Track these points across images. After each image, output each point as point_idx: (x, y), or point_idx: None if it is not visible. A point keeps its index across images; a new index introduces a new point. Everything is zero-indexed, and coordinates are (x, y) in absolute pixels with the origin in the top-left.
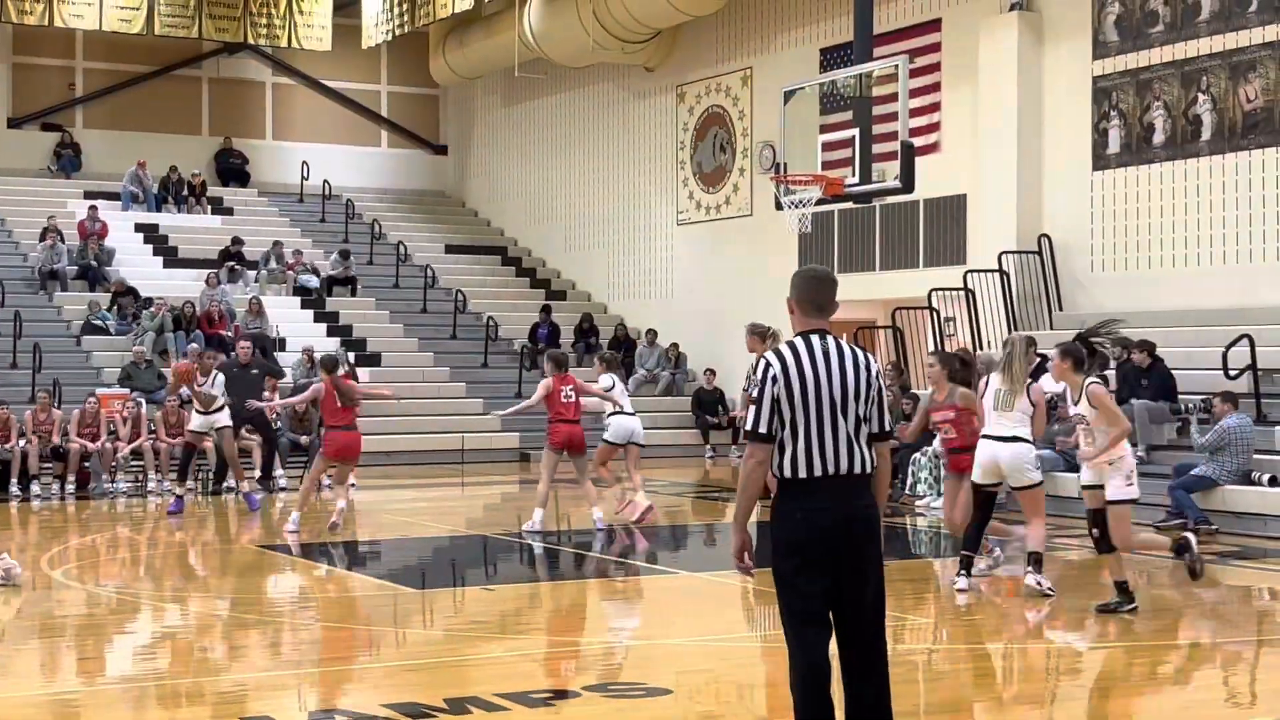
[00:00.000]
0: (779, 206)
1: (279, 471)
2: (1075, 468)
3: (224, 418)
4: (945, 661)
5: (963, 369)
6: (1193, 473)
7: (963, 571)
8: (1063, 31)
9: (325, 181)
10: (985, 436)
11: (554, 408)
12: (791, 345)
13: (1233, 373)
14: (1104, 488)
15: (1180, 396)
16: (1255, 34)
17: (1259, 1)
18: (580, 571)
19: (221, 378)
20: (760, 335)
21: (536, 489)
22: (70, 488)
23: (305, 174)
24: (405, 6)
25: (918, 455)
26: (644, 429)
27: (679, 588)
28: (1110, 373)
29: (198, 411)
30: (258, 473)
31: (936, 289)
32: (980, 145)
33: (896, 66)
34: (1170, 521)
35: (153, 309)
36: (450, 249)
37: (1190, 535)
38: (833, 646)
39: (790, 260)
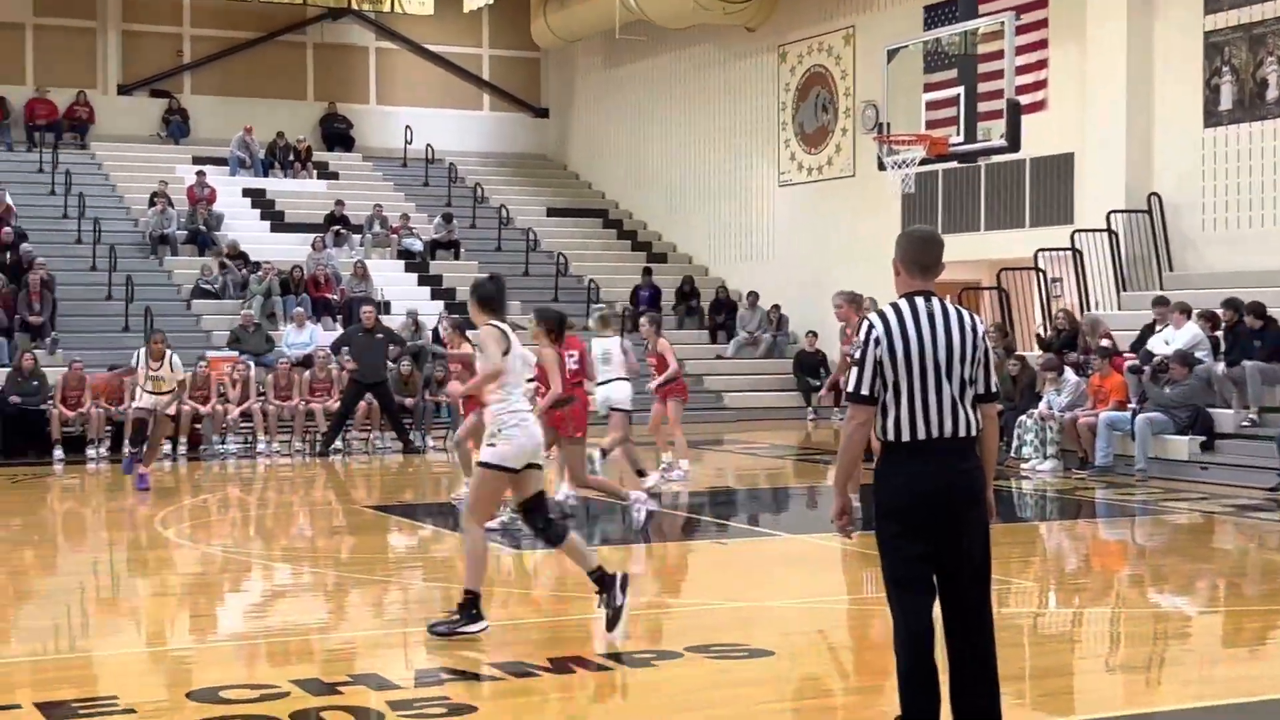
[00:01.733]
0: (882, 167)
1: (375, 436)
2: None
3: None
4: (1052, 625)
5: None
6: None
7: None
8: None
9: (428, 145)
10: None
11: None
12: (895, 307)
13: None
14: None
15: None
16: None
17: None
18: (681, 534)
19: (177, 358)
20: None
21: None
22: (182, 449)
23: (408, 138)
24: None
25: (1023, 418)
26: (742, 391)
27: (781, 550)
28: (1220, 334)
29: (146, 391)
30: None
31: (1043, 249)
32: (1088, 102)
33: (1003, 23)
34: None
35: (260, 273)
36: (552, 212)
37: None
38: (937, 610)
39: (893, 221)
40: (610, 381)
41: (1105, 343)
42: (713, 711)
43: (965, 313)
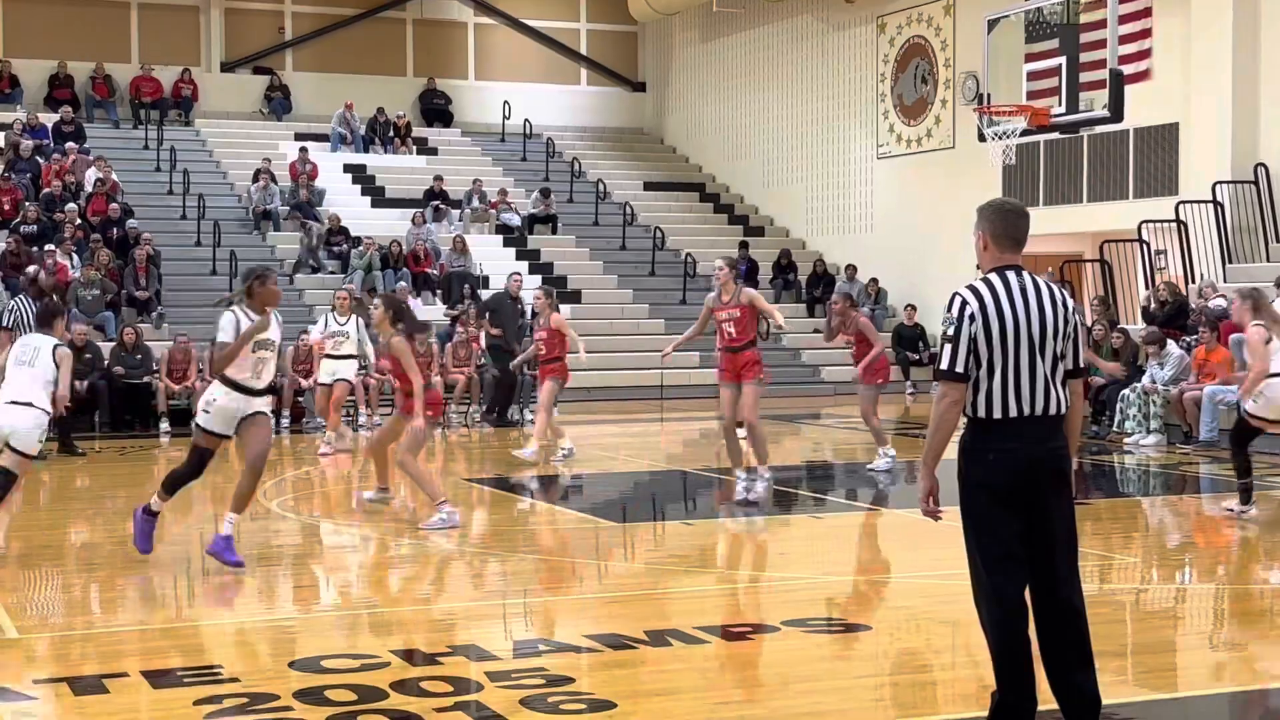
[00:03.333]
0: (982, 138)
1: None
2: None
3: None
4: (1153, 602)
5: None
6: None
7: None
8: None
9: (526, 120)
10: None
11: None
12: (988, 282)
13: None
14: None
15: None
16: None
17: None
18: (779, 507)
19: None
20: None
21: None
22: (285, 423)
23: (506, 113)
24: None
25: (1126, 392)
26: (840, 365)
27: (880, 524)
28: None
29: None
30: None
31: (1147, 221)
32: (1193, 72)
33: None
34: None
35: (362, 247)
36: (649, 186)
37: None
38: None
39: (993, 193)
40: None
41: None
42: (810, 685)
43: (1055, 287)
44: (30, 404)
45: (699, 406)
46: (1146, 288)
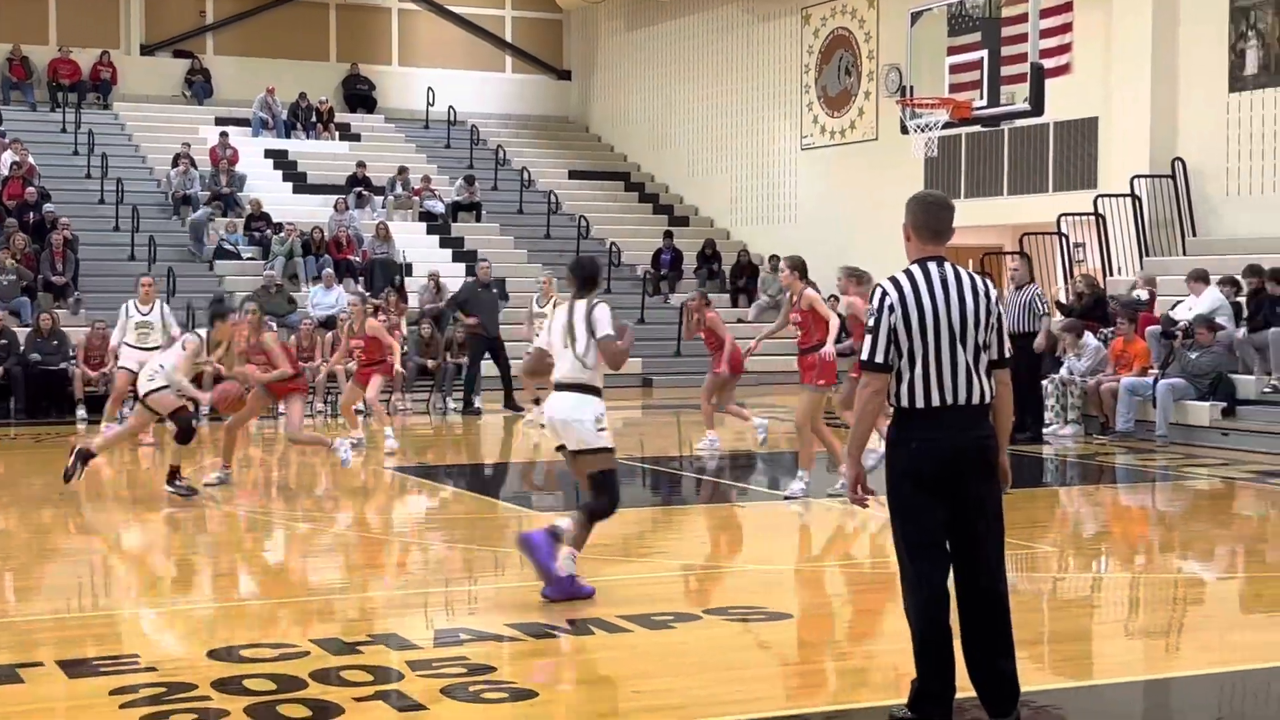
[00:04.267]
0: (905, 130)
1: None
2: None
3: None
4: (1071, 590)
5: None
6: None
7: None
8: None
9: (450, 108)
10: None
11: None
12: (909, 273)
13: None
14: None
15: None
16: None
17: None
18: (703, 496)
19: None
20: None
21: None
22: (204, 410)
23: (430, 100)
24: None
25: (1044, 382)
26: (763, 355)
27: (801, 514)
28: (1242, 300)
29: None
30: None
31: (1066, 214)
32: (1113, 66)
33: None
34: None
35: (283, 234)
36: (574, 174)
37: None
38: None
39: (915, 185)
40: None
41: (1143, 296)
42: (731, 673)
43: (978, 278)
44: None
45: (624, 395)
46: (1065, 280)
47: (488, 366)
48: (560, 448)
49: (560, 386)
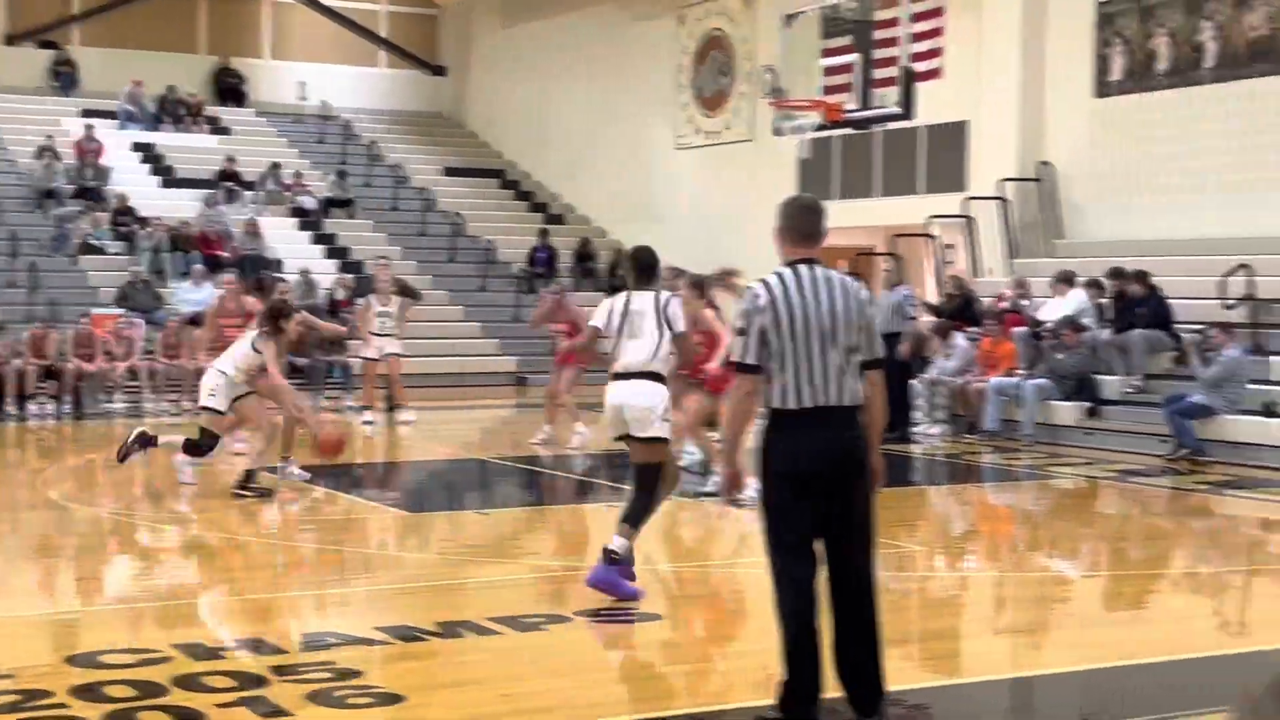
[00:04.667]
0: (777, 132)
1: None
2: None
3: None
4: (939, 589)
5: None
6: (1190, 400)
7: None
8: None
9: (323, 102)
10: None
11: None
12: (779, 275)
13: (1229, 302)
14: None
15: (1177, 326)
16: None
17: None
18: (574, 496)
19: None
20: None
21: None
22: (67, 408)
23: (303, 94)
24: None
25: (913, 382)
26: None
27: (672, 513)
28: (1106, 301)
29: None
30: None
31: (936, 216)
32: (982, 71)
33: None
34: (1178, 453)
35: (149, 229)
36: (449, 171)
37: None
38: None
39: (790, 185)
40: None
41: (1025, 302)
42: (601, 675)
43: (849, 280)
44: None
45: (497, 395)
46: (935, 281)
47: (416, 365)
48: (622, 437)
49: (628, 375)
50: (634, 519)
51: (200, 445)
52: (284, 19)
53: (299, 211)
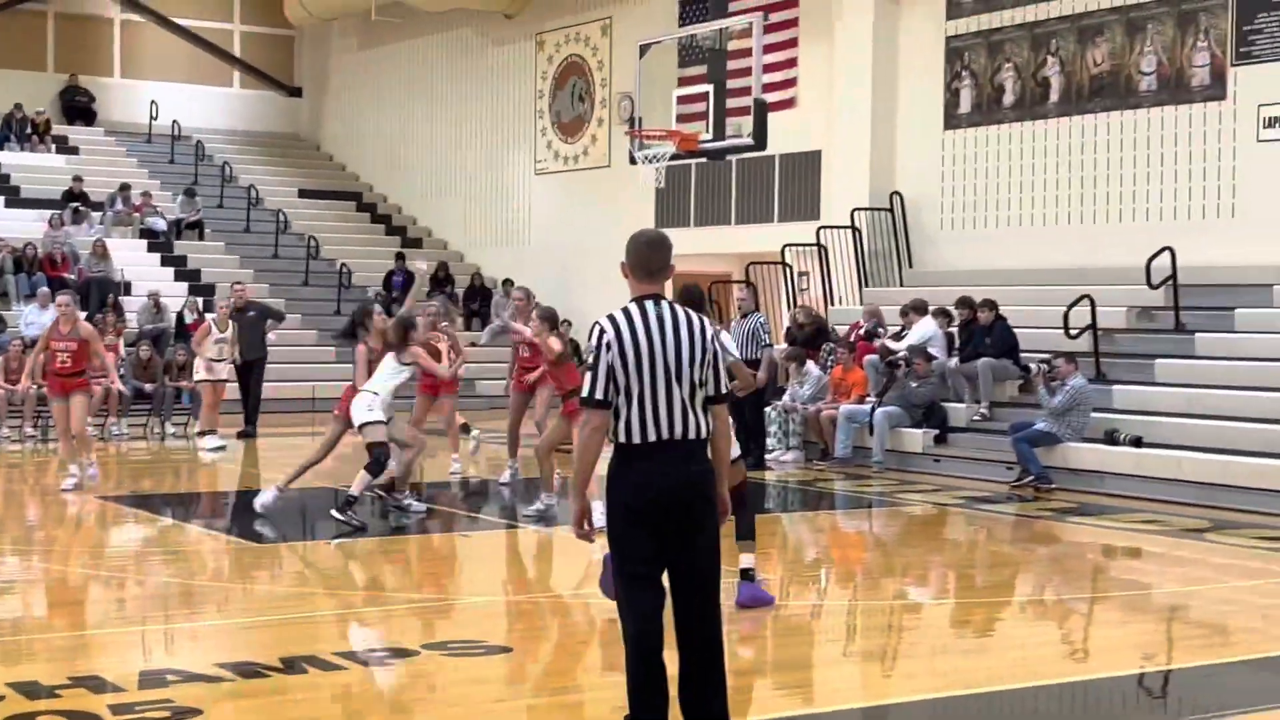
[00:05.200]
0: (633, 161)
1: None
2: None
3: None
4: (790, 618)
5: None
6: (1035, 428)
7: None
8: None
9: (175, 122)
10: None
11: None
12: (626, 311)
13: (1073, 332)
14: None
15: (1022, 355)
16: None
17: None
18: (432, 525)
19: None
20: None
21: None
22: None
23: (154, 114)
24: None
25: (766, 409)
26: (497, 379)
27: (526, 543)
28: (953, 330)
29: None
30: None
31: (790, 244)
32: (835, 102)
33: (751, 23)
34: (1024, 480)
35: None
36: (304, 193)
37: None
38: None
39: (648, 211)
40: None
41: (882, 331)
42: (447, 710)
43: (694, 315)
44: None
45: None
46: (789, 309)
47: (268, 389)
48: None
49: None
50: (748, 534)
51: (379, 462)
52: (135, 37)
53: (148, 233)
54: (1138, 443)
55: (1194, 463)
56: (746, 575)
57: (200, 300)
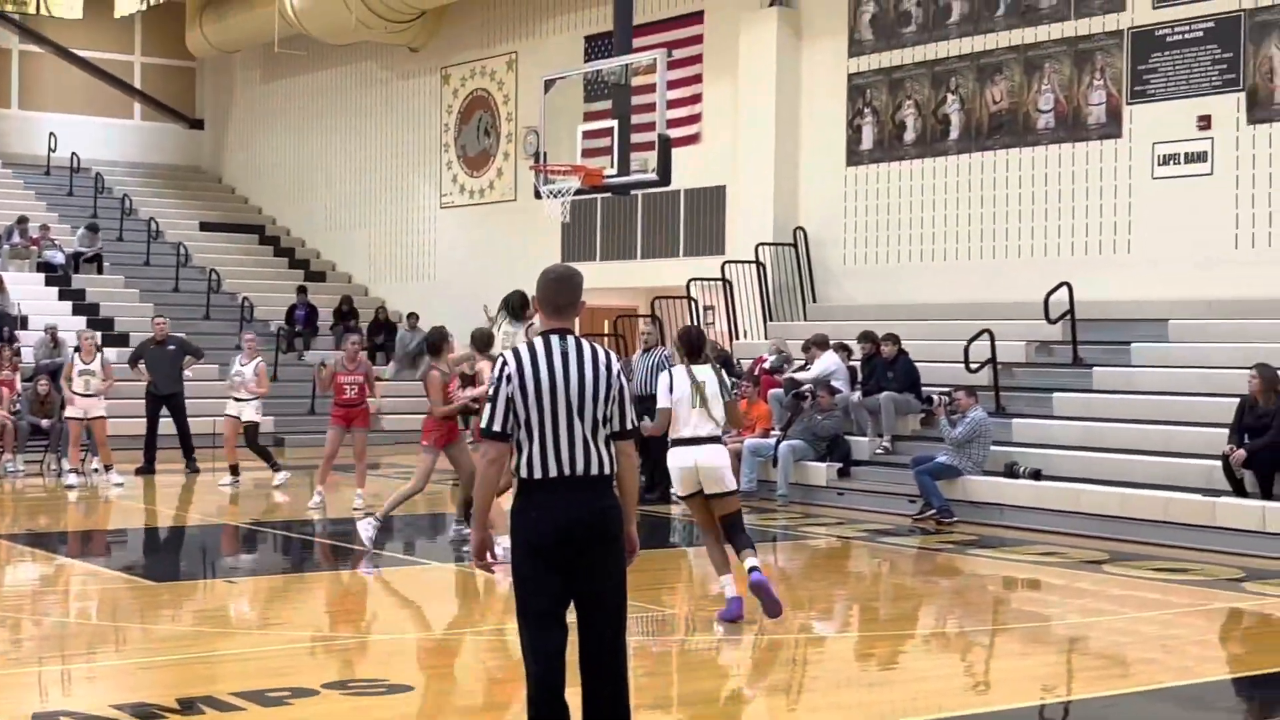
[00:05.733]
0: (538, 195)
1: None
2: None
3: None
4: (694, 652)
5: None
6: (937, 461)
7: None
8: (820, 28)
9: (74, 154)
10: None
11: None
12: (530, 345)
13: (974, 366)
14: None
15: (924, 388)
16: (1002, 37)
17: (1005, 6)
18: (328, 562)
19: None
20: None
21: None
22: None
23: (53, 145)
24: None
25: None
26: (401, 414)
27: (427, 579)
28: (856, 364)
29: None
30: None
31: (696, 278)
32: (740, 138)
33: (655, 59)
34: (926, 513)
35: None
36: (205, 226)
37: None
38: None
39: (554, 244)
40: None
41: (788, 365)
42: None
43: (601, 350)
44: None
45: (252, 456)
46: None
47: (165, 425)
48: (691, 495)
49: (697, 440)
50: (749, 546)
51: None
52: (33, 68)
53: (46, 266)
54: (1037, 475)
55: (1092, 495)
56: (758, 571)
57: (99, 335)
